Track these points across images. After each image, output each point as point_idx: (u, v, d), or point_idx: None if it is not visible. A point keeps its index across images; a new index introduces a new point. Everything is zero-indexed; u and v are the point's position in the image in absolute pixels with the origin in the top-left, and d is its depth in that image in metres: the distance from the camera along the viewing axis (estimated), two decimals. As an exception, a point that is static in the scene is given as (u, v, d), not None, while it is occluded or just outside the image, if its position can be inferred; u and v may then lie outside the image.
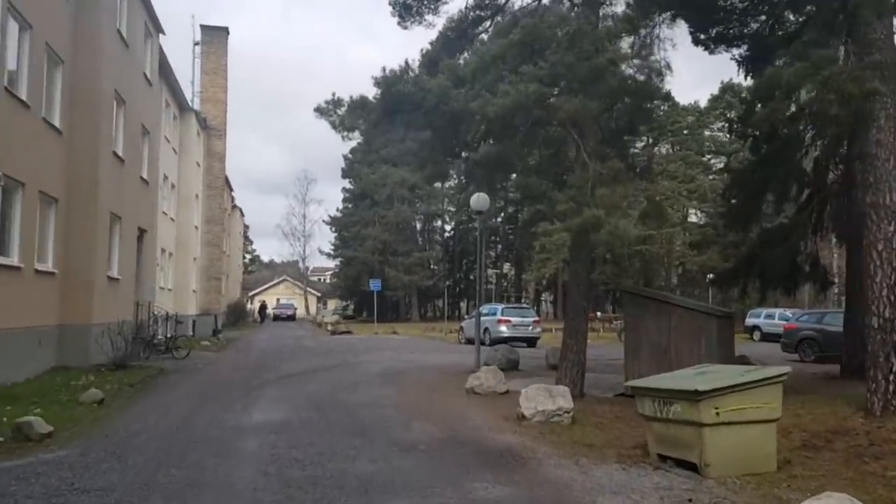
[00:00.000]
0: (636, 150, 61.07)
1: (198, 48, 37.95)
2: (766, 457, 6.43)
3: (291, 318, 64.16)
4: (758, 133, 15.92)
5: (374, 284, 39.62)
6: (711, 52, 14.55)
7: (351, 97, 11.64)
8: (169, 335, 21.35)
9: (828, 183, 15.91)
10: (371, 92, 11.97)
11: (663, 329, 12.20)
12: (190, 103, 35.52)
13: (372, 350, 24.46)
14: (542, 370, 17.61)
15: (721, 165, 56.86)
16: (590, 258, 12.16)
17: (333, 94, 11.54)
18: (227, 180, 45.99)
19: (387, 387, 13.41)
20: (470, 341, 29.86)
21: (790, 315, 31.02)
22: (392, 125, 12.61)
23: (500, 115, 9.69)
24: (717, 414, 6.27)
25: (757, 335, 36.28)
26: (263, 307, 63.88)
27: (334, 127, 11.60)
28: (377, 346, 27.29)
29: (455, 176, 69.62)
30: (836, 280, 20.37)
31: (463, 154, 13.82)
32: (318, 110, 11.52)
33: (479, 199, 16.73)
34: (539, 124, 11.44)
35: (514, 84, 9.39)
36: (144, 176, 22.83)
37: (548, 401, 9.59)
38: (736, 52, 15.59)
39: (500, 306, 30.11)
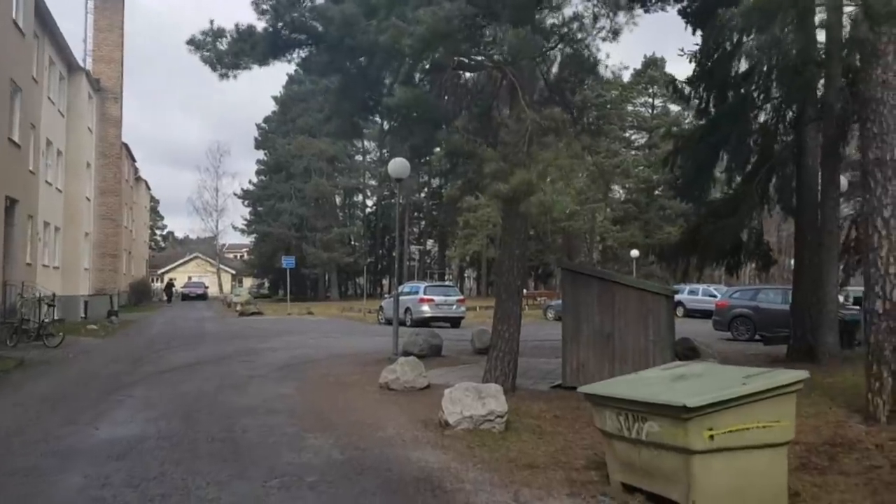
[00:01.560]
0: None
1: (90, 3, 34.26)
2: (774, 493, 4.77)
3: (202, 297, 60.70)
4: (704, 95, 14.54)
5: (287, 261, 37.11)
6: (647, 11, 12.83)
7: (237, 26, 9.36)
8: (47, 320, 18.54)
9: (774, 151, 14.63)
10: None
11: (606, 311, 10.59)
12: (82, 63, 32.01)
13: (281, 334, 22.23)
14: (468, 355, 15.92)
15: (643, 141, 56.62)
16: (525, 231, 10.39)
17: (212, 23, 9.26)
18: (127, 149, 42.30)
19: (286, 383, 11.36)
20: (390, 322, 28.00)
21: (715, 291, 30.44)
22: (284, 63, 10.44)
23: (417, 49, 7.70)
24: (712, 437, 4.56)
25: (680, 311, 35.27)
26: (170, 286, 60.25)
27: (212, 64, 9.35)
28: (288, 328, 25.04)
29: (377, 148, 67.45)
30: (778, 257, 19.34)
31: (378, 108, 11.73)
32: (193, 43, 9.21)
33: (397, 166, 14.75)
34: (467, 66, 9.55)
35: (435, 7, 7.39)
36: (15, 138, 19.79)
37: (476, 403, 7.79)
38: (677, 6, 14.12)
39: (422, 284, 28.26)
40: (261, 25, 9.33)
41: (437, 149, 15.41)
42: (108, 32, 33.92)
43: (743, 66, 14.12)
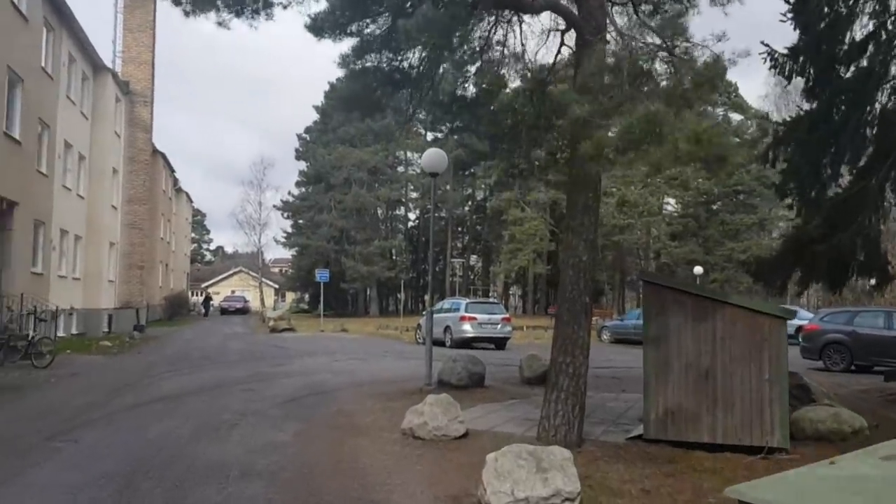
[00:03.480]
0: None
1: (120, 2, 32.90)
2: None
3: (242, 311, 59.08)
4: (811, 71, 11.77)
5: (321, 275, 34.93)
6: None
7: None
8: (36, 336, 16.54)
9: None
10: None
11: (705, 339, 7.94)
12: (110, 64, 30.56)
13: (306, 355, 19.93)
14: (516, 385, 13.35)
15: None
16: (595, 228, 7.84)
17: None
18: (164, 158, 40.93)
19: (285, 425, 8.94)
20: (428, 341, 25.55)
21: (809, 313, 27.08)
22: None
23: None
24: None
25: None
26: (208, 299, 58.85)
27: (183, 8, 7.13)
28: (316, 348, 22.73)
29: (420, 159, 65.41)
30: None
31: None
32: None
33: (432, 157, 12.35)
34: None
35: None
36: (14, 134, 18.00)
37: (534, 478, 5.25)
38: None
39: (463, 301, 25.70)
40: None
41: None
42: (137, 32, 32.44)
43: (859, 33, 11.42)
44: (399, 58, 10.33)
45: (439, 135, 64.24)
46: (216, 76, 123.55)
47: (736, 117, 52.30)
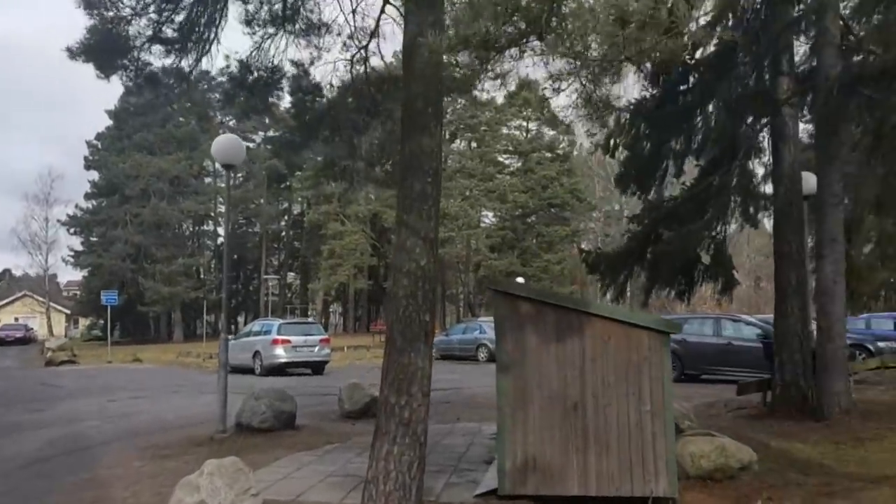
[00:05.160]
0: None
1: None
2: None
3: (23, 341, 51.49)
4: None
5: (108, 297, 30.49)
6: None
7: None
8: None
9: (740, 136, 11.04)
10: None
11: (572, 362, 6.28)
12: None
13: (79, 394, 16.41)
14: (335, 422, 11.20)
15: (518, 165, 53.90)
16: (436, 216, 5.96)
17: None
18: None
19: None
20: (235, 369, 22.54)
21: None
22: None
23: None
24: None
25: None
26: (-26, 329, 50.83)
27: None
28: (95, 384, 19.06)
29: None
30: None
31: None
32: None
33: (223, 146, 9.89)
34: None
35: None
36: None
37: None
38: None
39: (275, 322, 22.95)
40: None
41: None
42: None
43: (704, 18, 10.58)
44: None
45: (251, 145, 60.69)
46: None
47: (549, 132, 53.64)
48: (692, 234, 10.30)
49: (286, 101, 9.56)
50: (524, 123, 54.22)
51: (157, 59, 7.70)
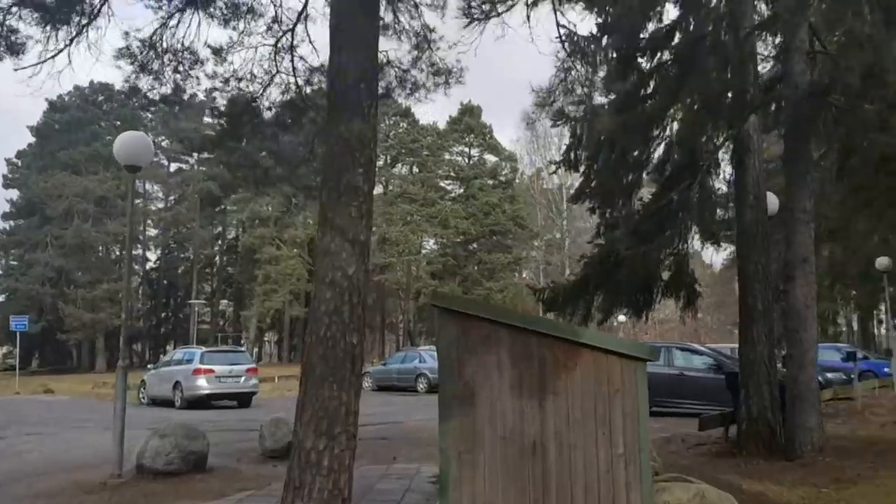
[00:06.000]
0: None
1: None
2: None
3: None
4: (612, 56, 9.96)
5: (17, 323, 28.17)
6: None
7: None
8: None
9: (705, 150, 10.31)
10: None
11: (530, 395, 5.21)
12: None
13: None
14: (254, 463, 9.86)
15: (461, 191, 53.17)
16: (368, 215, 4.85)
17: None
18: None
19: None
20: (154, 402, 20.78)
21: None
22: None
23: None
24: None
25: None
26: None
27: None
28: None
29: (162, 192, 58.52)
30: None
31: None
32: None
33: (128, 143, 8.57)
34: None
35: None
36: None
37: None
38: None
39: (198, 350, 21.28)
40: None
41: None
42: None
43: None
44: None
45: (184, 165, 58.57)
46: None
47: (491, 158, 53.24)
48: (650, 252, 9.44)
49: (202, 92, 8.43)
50: (466, 149, 53.70)
51: (30, 26, 6.43)
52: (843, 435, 10.54)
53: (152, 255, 59.93)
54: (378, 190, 55.96)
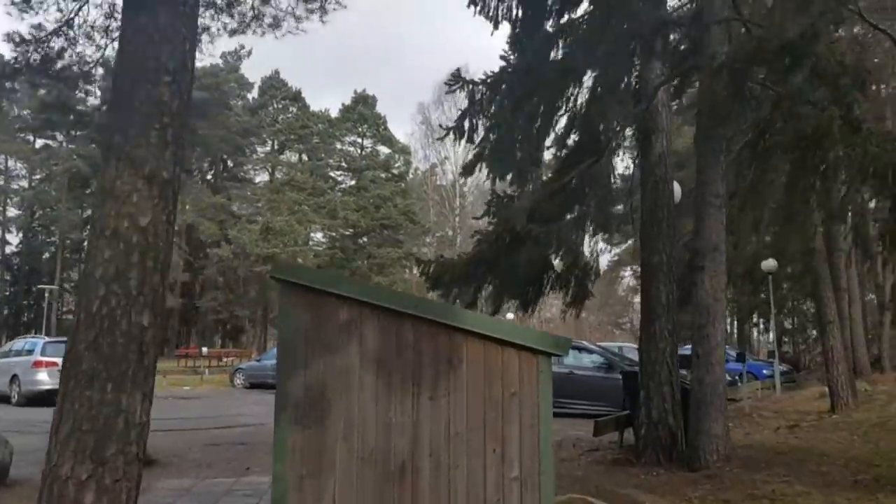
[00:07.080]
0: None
1: None
2: None
3: None
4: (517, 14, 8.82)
5: None
6: None
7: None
8: None
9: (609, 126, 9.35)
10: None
11: (400, 399, 3.94)
12: None
13: None
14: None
15: (353, 183, 51.36)
16: (179, 143, 3.35)
17: None
18: None
19: None
20: (8, 399, 18.05)
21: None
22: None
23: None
24: None
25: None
26: None
27: None
28: None
29: (26, 168, 53.46)
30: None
31: None
32: None
33: None
34: None
35: None
36: None
37: None
38: None
39: (40, 340, 18.77)
40: None
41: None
42: None
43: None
44: None
45: (51, 142, 53.75)
46: None
47: (384, 150, 51.79)
48: (549, 234, 8.39)
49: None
50: (359, 140, 51.98)
51: None
52: (740, 440, 9.87)
53: (13, 239, 54.79)
54: (264, 177, 53.41)
